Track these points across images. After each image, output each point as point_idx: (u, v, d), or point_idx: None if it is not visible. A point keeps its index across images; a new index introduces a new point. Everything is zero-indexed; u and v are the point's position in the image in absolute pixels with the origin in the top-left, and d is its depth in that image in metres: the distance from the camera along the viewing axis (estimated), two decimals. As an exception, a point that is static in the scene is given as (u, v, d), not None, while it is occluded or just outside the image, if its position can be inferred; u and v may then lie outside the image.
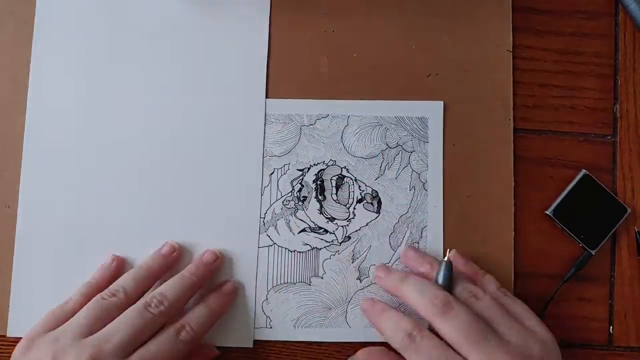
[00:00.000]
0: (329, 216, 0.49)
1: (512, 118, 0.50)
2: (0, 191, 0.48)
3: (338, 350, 0.48)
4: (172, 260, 0.47)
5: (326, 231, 0.48)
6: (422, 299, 0.42)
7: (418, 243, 0.48)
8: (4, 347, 0.47)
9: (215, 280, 0.47)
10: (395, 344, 0.42)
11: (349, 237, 0.48)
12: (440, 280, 0.43)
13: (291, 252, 0.48)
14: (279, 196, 0.49)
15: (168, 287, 0.44)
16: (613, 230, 0.49)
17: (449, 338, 0.40)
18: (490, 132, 0.50)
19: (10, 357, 0.41)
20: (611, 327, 0.49)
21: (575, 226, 0.49)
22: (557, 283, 0.49)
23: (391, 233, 0.49)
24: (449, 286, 0.43)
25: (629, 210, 0.49)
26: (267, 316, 0.48)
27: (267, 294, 0.48)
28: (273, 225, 0.48)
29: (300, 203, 0.49)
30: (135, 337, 0.40)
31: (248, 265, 0.48)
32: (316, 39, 0.50)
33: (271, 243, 0.48)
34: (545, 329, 0.42)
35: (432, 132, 0.49)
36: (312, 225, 0.49)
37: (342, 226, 0.48)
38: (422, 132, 0.49)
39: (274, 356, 0.48)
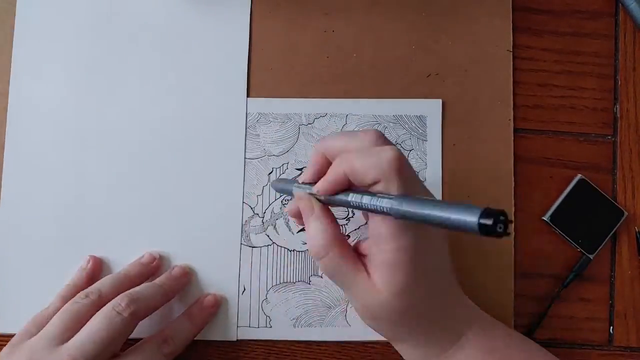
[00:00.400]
0: None
1: (512, 118, 0.50)
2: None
3: (338, 350, 0.48)
4: (151, 269, 0.47)
5: None
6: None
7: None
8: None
9: (195, 291, 0.48)
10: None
11: (348, 236, 0.48)
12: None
13: (290, 251, 0.48)
14: (277, 195, 0.49)
15: (139, 289, 0.43)
16: (611, 234, 0.49)
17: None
18: (490, 132, 0.50)
19: None
20: (611, 327, 0.49)
21: (572, 231, 0.49)
22: (558, 283, 0.48)
23: (390, 232, 0.48)
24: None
25: (626, 213, 0.49)
26: (267, 316, 0.48)
27: (267, 293, 0.48)
28: (272, 224, 0.48)
29: None
30: (108, 343, 0.40)
31: (229, 263, 0.48)
32: (316, 39, 0.50)
33: (270, 242, 0.48)
34: None
35: (430, 130, 0.49)
36: None
37: (341, 225, 0.48)
38: (420, 131, 0.49)
39: (274, 356, 0.48)
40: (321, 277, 0.48)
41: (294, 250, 0.48)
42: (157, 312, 0.44)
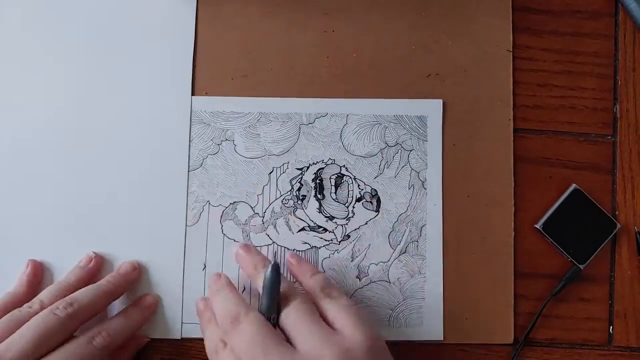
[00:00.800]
0: (328, 215, 0.49)
1: (512, 118, 0.50)
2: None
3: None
4: (90, 271, 0.46)
5: (325, 230, 0.48)
6: (219, 312, 0.41)
7: (417, 242, 0.48)
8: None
9: (138, 291, 0.47)
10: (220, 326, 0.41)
11: (348, 236, 0.48)
12: (260, 289, 0.42)
13: (290, 250, 0.48)
14: (278, 195, 0.49)
15: (79, 292, 0.43)
16: (602, 246, 0.49)
17: (235, 356, 0.38)
18: (490, 132, 0.50)
19: None
20: (611, 327, 0.49)
21: (564, 240, 0.49)
22: (557, 283, 0.48)
23: (390, 232, 0.48)
24: (271, 295, 0.41)
25: (618, 225, 0.49)
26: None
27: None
28: (272, 224, 0.48)
29: (299, 202, 0.49)
30: (39, 342, 0.38)
31: (173, 265, 0.48)
32: (316, 39, 0.50)
33: (270, 242, 0.48)
34: (361, 331, 0.38)
35: (430, 130, 0.49)
36: (312, 224, 0.49)
37: (341, 225, 0.48)
38: (421, 131, 0.49)
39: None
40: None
41: (293, 250, 0.48)
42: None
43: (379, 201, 0.49)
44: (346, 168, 0.49)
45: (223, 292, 0.43)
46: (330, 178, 0.49)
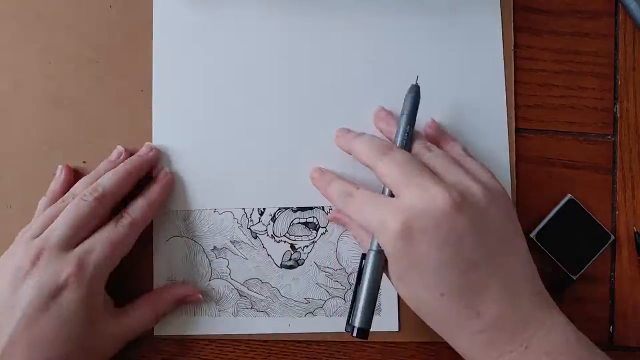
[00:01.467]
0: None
1: (513, 117, 0.50)
2: (1, 191, 0.48)
3: (338, 350, 0.48)
4: (117, 164, 0.47)
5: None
6: (367, 148, 0.43)
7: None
8: None
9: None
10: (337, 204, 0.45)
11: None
12: (398, 134, 0.44)
13: None
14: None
15: (104, 177, 0.45)
16: (596, 257, 0.49)
17: (385, 180, 0.41)
18: (491, 132, 0.49)
19: None
20: (611, 327, 0.49)
21: (558, 250, 0.48)
22: (557, 284, 0.48)
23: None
24: (405, 142, 0.43)
25: (612, 237, 0.49)
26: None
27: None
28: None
29: None
30: (76, 227, 0.42)
31: None
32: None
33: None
34: (497, 182, 0.42)
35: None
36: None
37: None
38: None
39: (274, 356, 0.48)
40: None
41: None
42: None
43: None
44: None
45: (361, 137, 0.44)
46: None
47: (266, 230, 0.48)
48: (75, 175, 0.48)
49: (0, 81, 0.49)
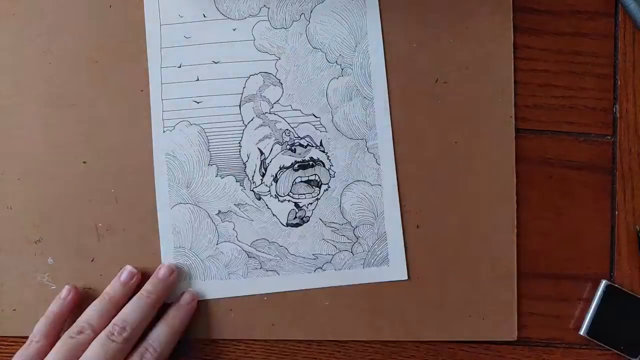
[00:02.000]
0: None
1: (513, 116, 0.50)
2: (1, 191, 0.48)
3: (338, 350, 0.48)
4: (132, 288, 0.46)
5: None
6: None
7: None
8: None
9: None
10: None
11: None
12: None
13: None
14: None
15: (128, 312, 0.44)
16: None
17: None
18: (491, 131, 0.50)
19: None
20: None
21: (612, 339, 0.48)
22: (559, 283, 0.49)
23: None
24: None
25: None
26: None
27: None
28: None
29: None
30: None
31: None
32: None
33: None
34: None
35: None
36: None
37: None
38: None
39: (275, 356, 0.48)
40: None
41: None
42: None
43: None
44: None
45: None
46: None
47: (269, 191, 0.49)
48: (79, 296, 0.47)
49: (0, 81, 0.49)
